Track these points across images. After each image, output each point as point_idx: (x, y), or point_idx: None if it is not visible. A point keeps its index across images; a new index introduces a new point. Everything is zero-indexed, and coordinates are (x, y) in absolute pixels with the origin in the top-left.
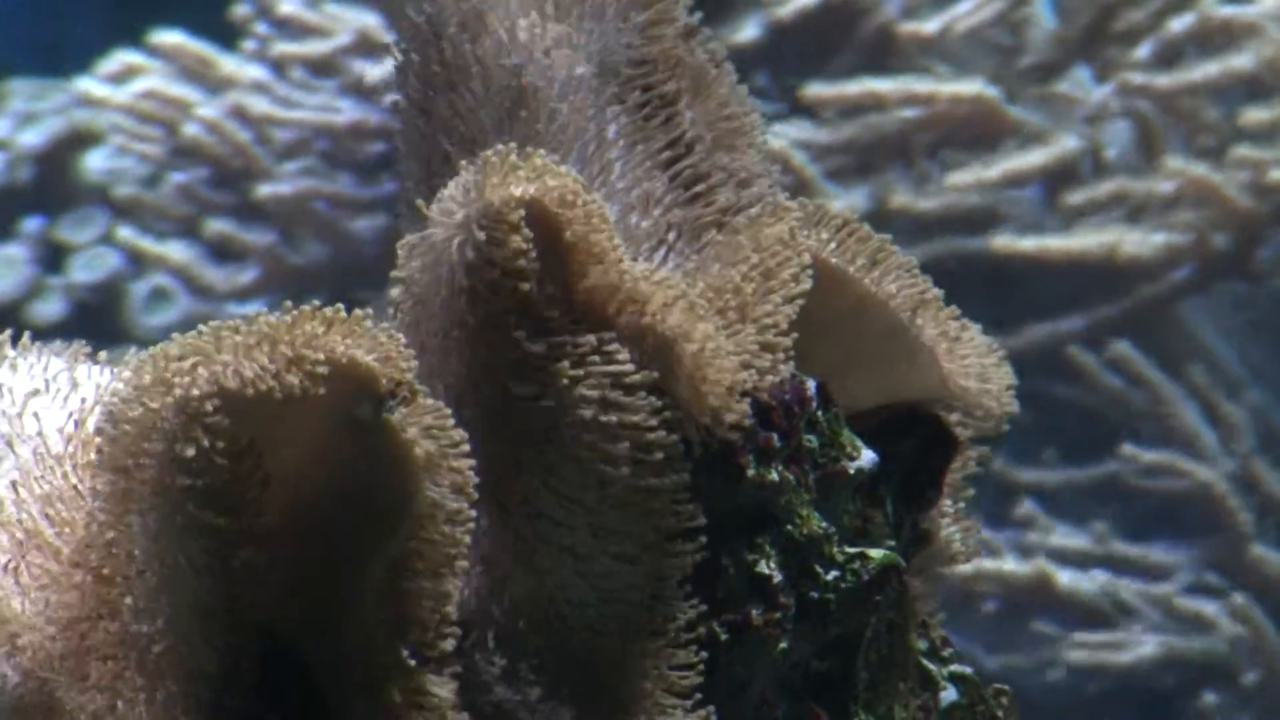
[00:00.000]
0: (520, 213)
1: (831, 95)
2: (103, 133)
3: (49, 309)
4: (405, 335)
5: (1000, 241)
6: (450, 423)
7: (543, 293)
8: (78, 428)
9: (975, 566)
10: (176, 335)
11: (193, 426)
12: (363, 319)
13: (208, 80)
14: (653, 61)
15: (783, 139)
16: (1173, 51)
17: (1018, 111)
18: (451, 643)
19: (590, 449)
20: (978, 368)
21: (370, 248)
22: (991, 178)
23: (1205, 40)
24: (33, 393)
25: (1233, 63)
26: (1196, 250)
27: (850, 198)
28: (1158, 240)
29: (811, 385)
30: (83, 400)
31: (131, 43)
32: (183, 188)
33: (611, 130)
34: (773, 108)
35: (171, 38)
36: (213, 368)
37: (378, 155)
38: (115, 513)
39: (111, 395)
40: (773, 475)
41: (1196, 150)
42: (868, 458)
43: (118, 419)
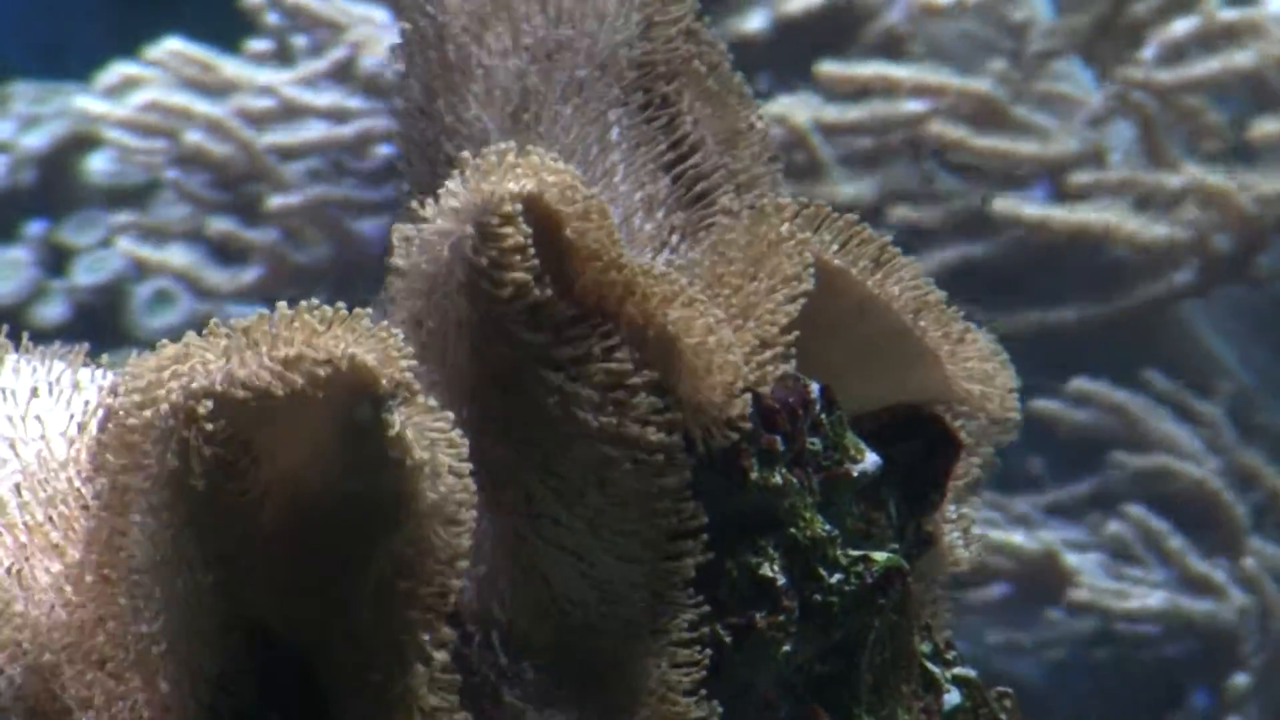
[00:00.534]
0: (518, 207)
1: (844, 75)
2: (105, 136)
3: (52, 311)
4: (404, 332)
5: (1002, 204)
6: (450, 423)
7: (542, 289)
8: (80, 430)
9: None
10: (173, 337)
11: (189, 427)
12: (362, 317)
13: (209, 87)
14: (655, 63)
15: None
16: (1175, 54)
17: (1024, 111)
18: (452, 643)
19: (590, 448)
20: (981, 371)
21: (374, 247)
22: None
23: (1208, 43)
24: (35, 395)
25: (1235, 59)
26: (1198, 247)
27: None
28: (1159, 230)
29: (815, 388)
30: (85, 403)
31: (136, 43)
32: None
33: (614, 132)
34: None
35: (171, 45)
36: (210, 369)
37: (384, 157)
38: (116, 514)
39: (109, 396)
40: (776, 478)
41: (1200, 154)
42: (871, 460)
43: (115, 420)
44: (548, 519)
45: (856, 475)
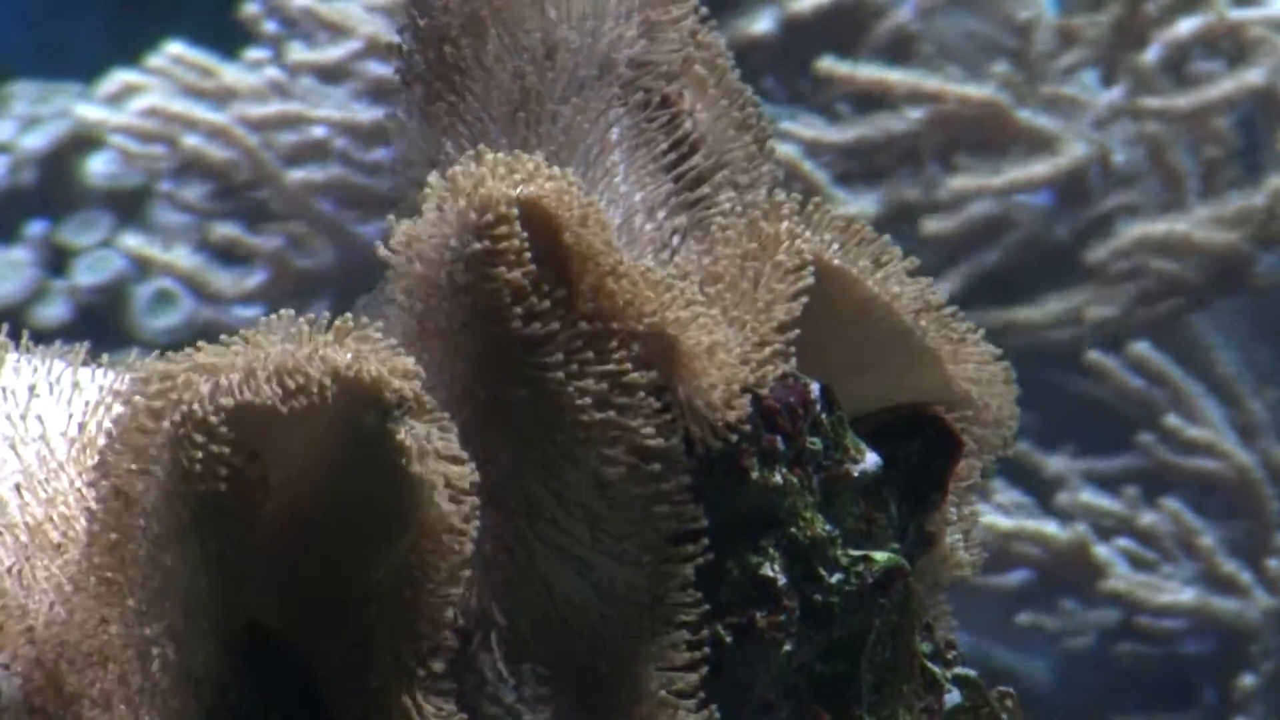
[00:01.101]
0: (514, 211)
1: (844, 74)
2: (106, 137)
3: (52, 312)
4: (404, 336)
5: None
6: (455, 435)
7: (540, 292)
8: (81, 430)
9: (1016, 524)
10: (174, 338)
11: (197, 436)
12: (368, 328)
13: (209, 93)
14: (656, 63)
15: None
16: (1180, 55)
17: (1026, 116)
18: (452, 650)
19: (589, 451)
20: (981, 372)
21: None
22: (995, 186)
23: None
24: (36, 395)
25: (1248, 77)
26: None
27: (859, 203)
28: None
29: (815, 388)
30: (86, 403)
31: (138, 41)
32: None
33: (615, 133)
34: (780, 110)
35: (171, 50)
36: (219, 379)
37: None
38: (118, 516)
39: (116, 402)
40: (777, 478)
41: (1204, 160)
42: (871, 460)
43: (124, 424)
44: (547, 522)
45: (857, 475)
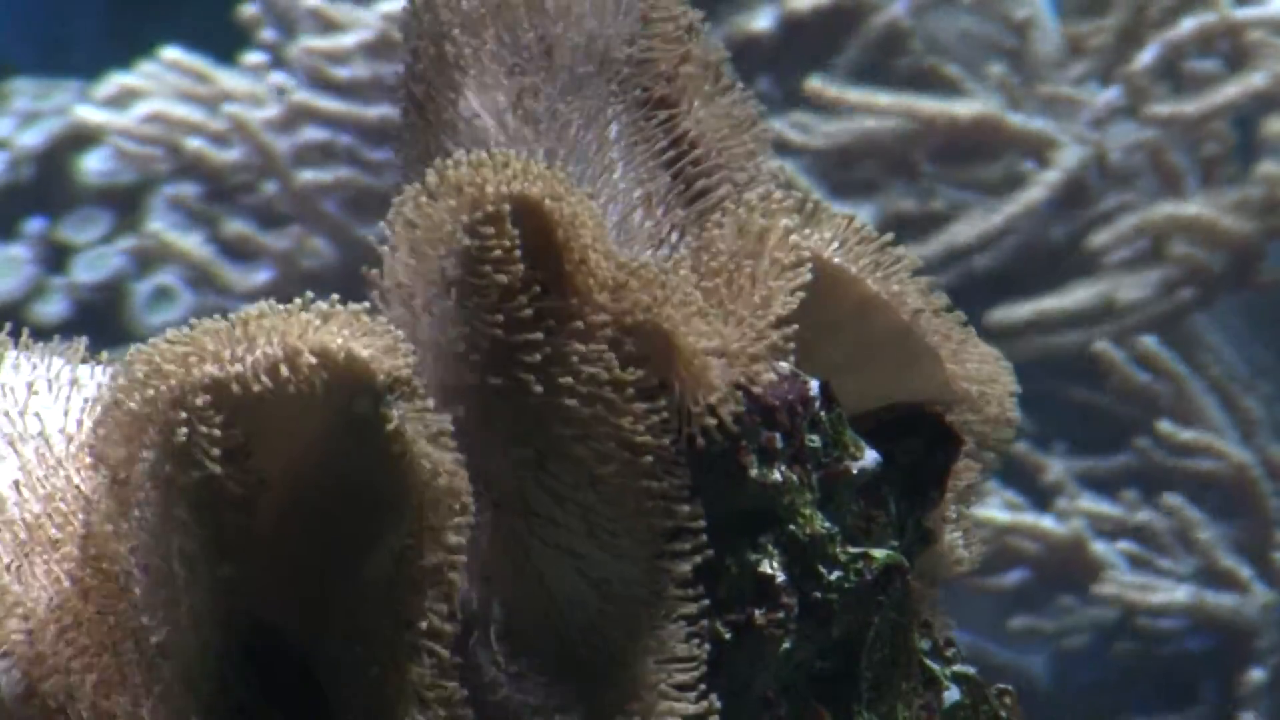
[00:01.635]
0: (506, 208)
1: (832, 95)
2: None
3: (51, 309)
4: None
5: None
6: (449, 420)
7: (533, 289)
8: (79, 427)
9: (1014, 518)
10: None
11: (187, 420)
12: (361, 313)
13: (208, 99)
14: (654, 60)
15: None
16: (1177, 54)
17: (1022, 119)
18: (451, 639)
19: (583, 446)
20: (980, 372)
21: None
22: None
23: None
24: (35, 392)
25: (1252, 81)
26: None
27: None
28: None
29: (814, 385)
30: (85, 400)
31: (137, 40)
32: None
33: (613, 129)
34: (776, 110)
35: (168, 54)
36: (207, 362)
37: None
38: (115, 509)
39: (107, 390)
40: (776, 475)
41: (1203, 158)
42: (870, 458)
43: (115, 412)
44: (543, 517)
45: (856, 472)
